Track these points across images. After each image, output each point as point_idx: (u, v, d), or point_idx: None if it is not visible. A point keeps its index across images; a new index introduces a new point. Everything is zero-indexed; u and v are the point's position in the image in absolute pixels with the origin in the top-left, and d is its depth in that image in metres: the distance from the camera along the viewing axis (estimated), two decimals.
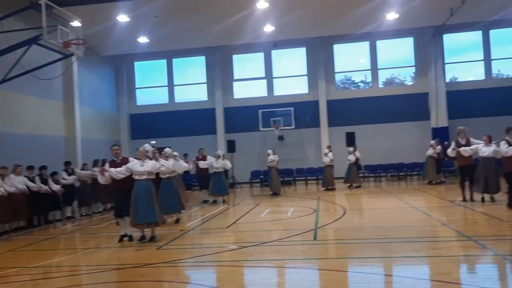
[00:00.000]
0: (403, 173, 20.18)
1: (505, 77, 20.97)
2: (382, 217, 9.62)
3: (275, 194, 15.76)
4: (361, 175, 18.29)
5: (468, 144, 10.68)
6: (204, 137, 21.61)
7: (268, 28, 18.81)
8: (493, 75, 20.80)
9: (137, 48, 20.85)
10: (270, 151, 16.23)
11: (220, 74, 22.19)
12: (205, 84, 22.79)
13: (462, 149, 10.46)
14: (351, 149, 17.47)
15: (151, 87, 23.82)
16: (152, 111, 22.75)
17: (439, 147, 16.43)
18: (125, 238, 7.84)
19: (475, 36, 20.74)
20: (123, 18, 16.41)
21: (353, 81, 22.81)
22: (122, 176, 7.58)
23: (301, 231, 7.96)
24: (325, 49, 21.48)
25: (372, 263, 5.75)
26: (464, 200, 10.71)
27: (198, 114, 22.26)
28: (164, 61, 23.01)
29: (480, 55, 20.76)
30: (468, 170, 10.68)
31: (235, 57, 22.62)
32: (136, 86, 23.48)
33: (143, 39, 19.43)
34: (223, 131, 22.00)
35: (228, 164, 14.56)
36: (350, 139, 18.85)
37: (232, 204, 13.92)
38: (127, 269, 5.93)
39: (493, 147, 9.61)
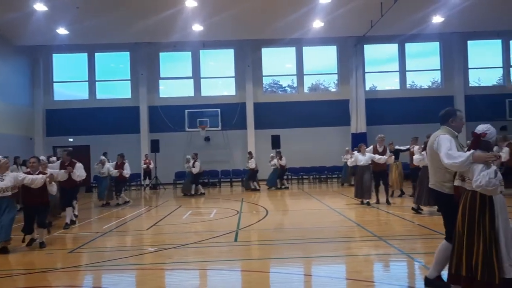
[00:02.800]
0: (324, 176, 20.99)
1: (418, 88, 22.59)
2: (303, 219, 9.88)
3: (185, 195, 15.98)
4: (284, 177, 18.68)
5: (384, 151, 11.44)
6: (127, 136, 20.92)
7: (197, 27, 18.64)
8: (407, 86, 22.31)
9: (56, 40, 19.60)
10: (189, 157, 16.30)
11: (145, 71, 21.57)
12: (129, 81, 22.02)
13: (377, 157, 11.13)
14: (272, 154, 17.89)
15: (70, 81, 22.55)
16: (71, 107, 21.53)
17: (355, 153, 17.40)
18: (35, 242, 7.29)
19: (393, 48, 22.14)
20: (40, 7, 15.31)
21: (281, 85, 23.32)
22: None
23: (223, 233, 7.93)
24: (253, 52, 21.72)
25: (291, 263, 5.87)
26: (377, 202, 11.38)
27: (120, 112, 21.44)
28: (85, 55, 21.89)
29: (396, 67, 22.19)
30: (382, 175, 11.46)
31: (162, 55, 22.12)
32: (54, 80, 22.09)
33: (62, 31, 18.31)
34: (147, 131, 21.39)
35: (113, 171, 13.25)
36: (276, 142, 19.22)
37: (154, 206, 13.56)
38: (36, 274, 5.52)
39: (368, 156, 11.00)
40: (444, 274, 4.22)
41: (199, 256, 6.40)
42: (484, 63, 22.18)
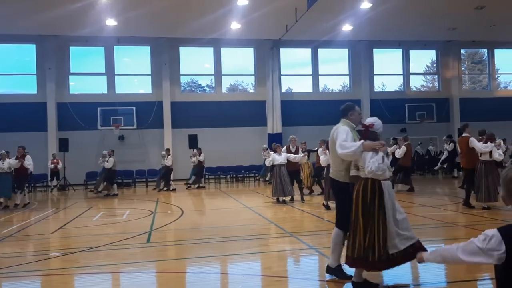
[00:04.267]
0: (241, 175, 21.29)
1: (330, 91, 23.79)
2: (219, 218, 9.96)
3: (92, 191, 15.70)
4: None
5: (297, 151, 12.02)
6: (32, 134, 19.49)
7: (110, 22, 17.91)
8: (320, 89, 23.40)
9: None
10: (105, 152, 15.64)
11: (53, 66, 20.25)
12: (35, 76, 20.53)
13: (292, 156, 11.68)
14: (195, 151, 17.83)
15: None
16: None
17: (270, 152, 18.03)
18: None
19: (307, 53, 23.09)
20: None
21: (199, 84, 23.22)
22: None
23: (135, 234, 7.74)
24: (171, 51, 21.38)
25: (207, 262, 5.89)
26: (292, 199, 11.88)
27: (25, 109, 19.89)
28: None
29: (310, 70, 23.17)
30: (295, 174, 12.12)
31: (72, 50, 20.92)
32: None
33: None
34: (55, 129, 20.10)
35: (14, 162, 12.32)
36: (193, 142, 19.11)
37: (62, 208, 12.79)
38: None
39: (283, 156, 11.55)
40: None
41: (110, 259, 6.18)
42: (387, 70, 23.99)
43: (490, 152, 9.34)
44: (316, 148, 13.13)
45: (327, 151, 9.89)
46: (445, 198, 12.35)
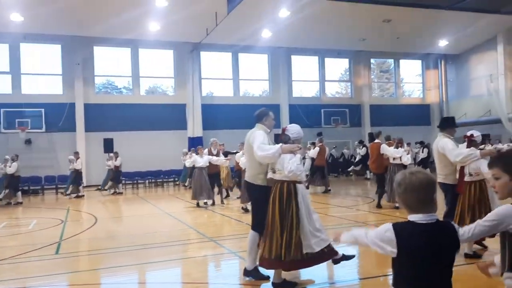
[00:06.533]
0: (160, 180, 20.75)
1: (250, 96, 24.09)
2: (136, 224, 9.60)
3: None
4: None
5: (218, 154, 11.94)
6: None
7: (16, 17, 16.57)
8: (241, 94, 23.60)
9: None
10: (8, 157, 14.41)
11: None
12: None
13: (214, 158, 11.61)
14: (111, 154, 17.07)
15: None
16: None
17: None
18: None
19: (227, 57, 23.18)
20: None
21: (116, 86, 22.27)
22: None
23: (43, 245, 7.17)
24: (84, 50, 20.24)
25: (123, 272, 5.62)
26: (213, 204, 11.81)
27: None
28: None
29: (231, 75, 23.30)
30: (216, 177, 12.06)
31: None
32: None
33: None
34: None
35: None
36: (108, 146, 18.27)
37: None
38: None
39: (205, 158, 11.48)
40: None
41: (15, 273, 5.66)
42: (305, 77, 24.88)
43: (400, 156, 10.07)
44: (235, 151, 13.21)
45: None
46: (358, 199, 13.06)
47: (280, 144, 4.50)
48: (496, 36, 22.95)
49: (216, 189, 12.21)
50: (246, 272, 4.80)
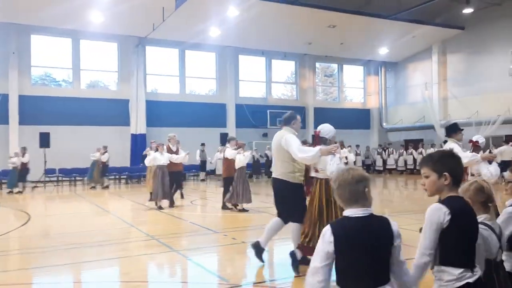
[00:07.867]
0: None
1: (197, 94, 23.84)
2: (73, 223, 9.19)
3: None
4: (54, 179, 17.06)
5: (177, 151, 11.23)
6: None
7: None
8: (187, 91, 23.29)
9: None
10: None
11: None
12: None
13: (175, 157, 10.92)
14: (16, 151, 16.07)
15: None
16: None
17: (106, 154, 17.18)
18: None
19: (174, 53, 22.81)
20: None
21: (54, 78, 21.21)
22: None
23: None
24: (20, 38, 19.11)
25: (58, 272, 5.37)
26: (172, 205, 10.85)
27: None
28: None
29: (177, 72, 22.95)
30: (177, 175, 11.27)
31: None
32: None
33: None
34: None
35: None
36: (44, 140, 17.37)
37: None
38: None
39: (166, 155, 10.73)
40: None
41: None
42: (252, 77, 25.03)
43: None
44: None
45: (244, 152, 9.81)
46: None
47: (319, 147, 4.77)
48: (432, 46, 24.35)
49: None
50: (257, 246, 5.15)
